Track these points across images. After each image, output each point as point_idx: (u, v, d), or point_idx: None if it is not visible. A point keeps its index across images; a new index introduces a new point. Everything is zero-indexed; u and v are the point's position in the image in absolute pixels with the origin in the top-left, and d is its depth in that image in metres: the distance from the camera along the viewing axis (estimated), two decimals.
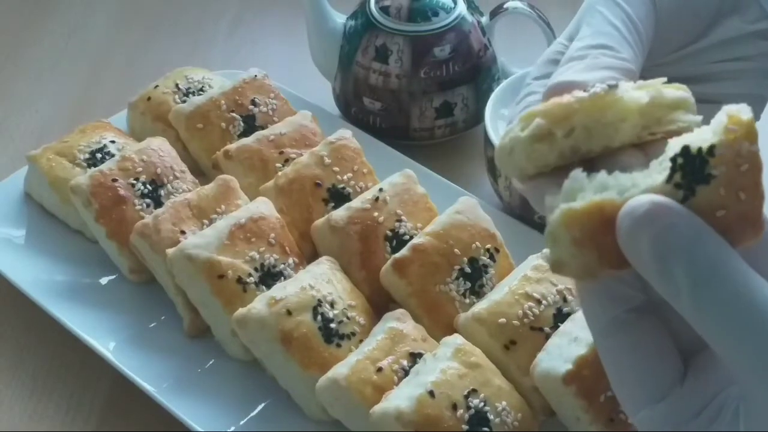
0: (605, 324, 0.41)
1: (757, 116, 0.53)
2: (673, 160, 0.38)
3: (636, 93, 0.42)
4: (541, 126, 0.41)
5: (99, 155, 0.82)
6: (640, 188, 0.38)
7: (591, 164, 0.43)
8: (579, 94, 0.42)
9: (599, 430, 0.65)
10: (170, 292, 0.74)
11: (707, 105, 0.48)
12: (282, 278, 0.73)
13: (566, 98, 0.42)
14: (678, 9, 0.50)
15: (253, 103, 0.87)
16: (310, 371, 0.67)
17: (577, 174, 0.39)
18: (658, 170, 0.39)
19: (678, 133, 0.42)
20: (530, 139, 0.42)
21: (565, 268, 0.39)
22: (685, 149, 0.38)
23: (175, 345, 0.73)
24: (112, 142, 0.83)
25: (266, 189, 0.79)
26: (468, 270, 0.73)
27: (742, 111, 0.38)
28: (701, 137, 0.38)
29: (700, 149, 0.37)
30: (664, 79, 0.43)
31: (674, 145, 0.38)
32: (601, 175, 0.39)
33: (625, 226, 0.37)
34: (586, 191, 0.39)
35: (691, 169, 0.37)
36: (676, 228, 0.36)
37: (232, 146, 0.82)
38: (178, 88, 0.89)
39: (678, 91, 0.43)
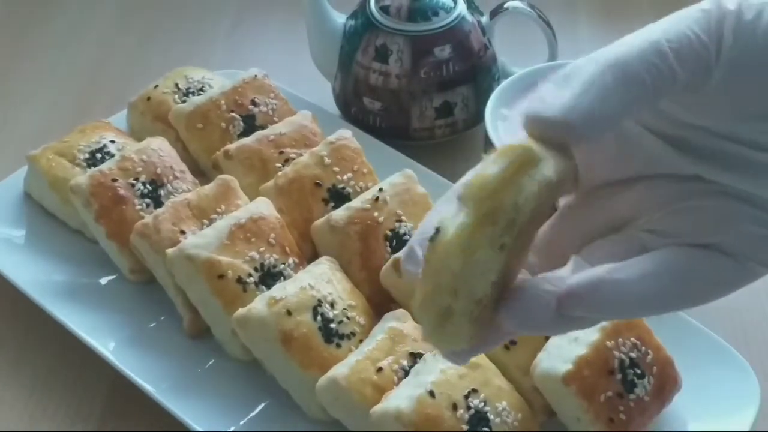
0: None
1: None
2: None
3: (454, 221, 0.37)
4: (434, 305, 0.38)
5: (99, 155, 0.82)
6: None
7: None
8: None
9: (600, 430, 0.65)
10: (170, 292, 0.74)
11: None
12: (282, 278, 0.73)
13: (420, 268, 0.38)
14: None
15: (253, 103, 0.87)
16: (310, 371, 0.67)
17: None
18: None
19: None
20: (436, 326, 0.38)
21: None
22: None
23: (175, 345, 0.73)
24: (112, 142, 0.83)
25: (266, 189, 0.79)
26: None
27: None
28: None
29: None
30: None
31: None
32: None
33: None
34: None
35: None
36: None
37: (231, 146, 0.81)
38: (178, 88, 0.89)
39: (493, 165, 0.37)
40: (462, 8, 0.92)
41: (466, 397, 0.64)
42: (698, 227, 0.40)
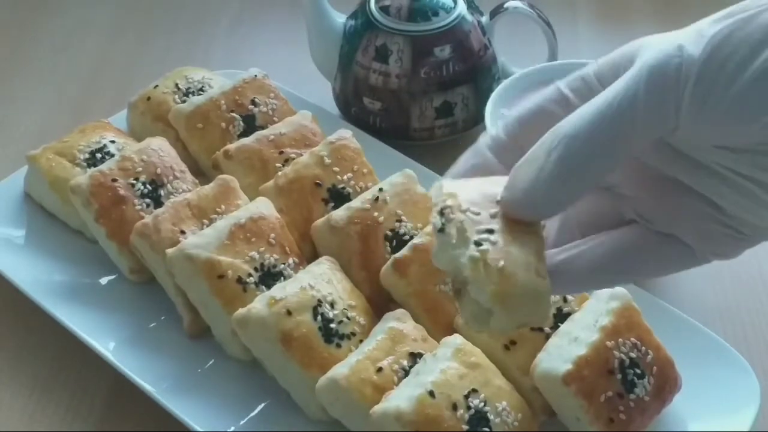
0: None
1: None
2: None
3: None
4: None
5: (99, 155, 0.82)
6: None
7: None
8: None
9: (599, 430, 0.65)
10: (170, 292, 0.74)
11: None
12: (282, 278, 0.73)
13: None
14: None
15: (253, 103, 0.87)
16: (310, 371, 0.67)
17: None
18: None
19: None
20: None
21: None
22: None
23: (175, 345, 0.73)
24: (112, 141, 0.83)
25: (266, 189, 0.79)
26: None
27: None
28: None
29: None
30: None
31: None
32: None
33: None
34: None
35: None
36: None
37: (231, 146, 0.81)
38: (178, 88, 0.89)
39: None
40: (462, 8, 0.92)
41: (466, 397, 0.64)
42: (666, 218, 0.46)
